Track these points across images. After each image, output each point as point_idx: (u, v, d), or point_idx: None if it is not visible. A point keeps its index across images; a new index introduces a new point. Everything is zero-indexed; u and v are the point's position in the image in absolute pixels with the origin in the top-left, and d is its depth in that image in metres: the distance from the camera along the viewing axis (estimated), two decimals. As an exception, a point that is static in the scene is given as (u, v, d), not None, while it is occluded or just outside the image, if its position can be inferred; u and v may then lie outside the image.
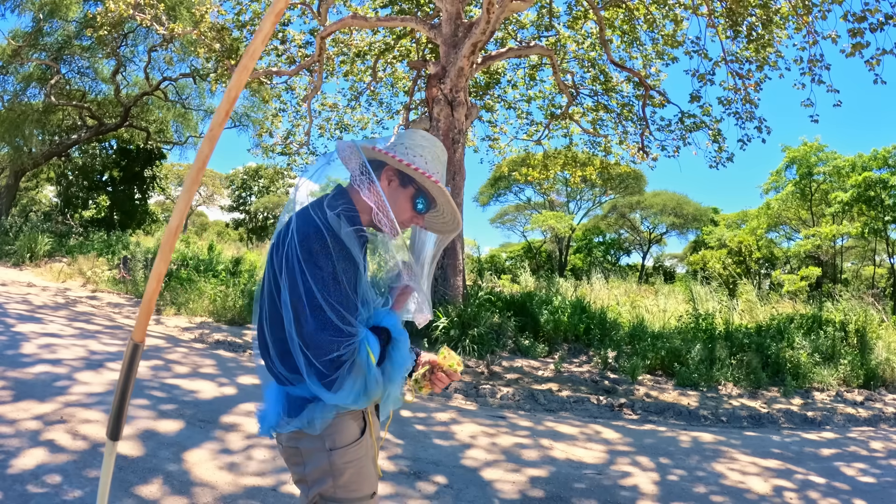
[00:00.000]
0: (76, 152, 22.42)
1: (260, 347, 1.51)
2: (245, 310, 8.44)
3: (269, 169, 36.23)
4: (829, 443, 5.05)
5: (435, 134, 8.93)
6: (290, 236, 1.39)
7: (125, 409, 1.39)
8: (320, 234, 1.37)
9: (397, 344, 1.49)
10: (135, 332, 1.32)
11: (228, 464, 3.22)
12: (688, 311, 9.65)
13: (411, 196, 1.53)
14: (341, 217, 1.41)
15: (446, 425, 4.52)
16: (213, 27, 10.47)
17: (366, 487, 1.53)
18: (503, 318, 8.01)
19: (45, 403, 3.73)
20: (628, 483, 3.61)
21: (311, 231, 1.38)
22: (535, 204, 33.44)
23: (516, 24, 11.72)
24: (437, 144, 1.58)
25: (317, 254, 1.36)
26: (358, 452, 1.51)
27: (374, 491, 1.56)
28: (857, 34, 7.25)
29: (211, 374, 5.21)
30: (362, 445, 1.52)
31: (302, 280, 1.36)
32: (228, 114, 1.23)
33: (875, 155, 19.78)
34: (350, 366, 1.38)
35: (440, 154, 1.58)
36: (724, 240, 25.36)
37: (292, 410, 1.46)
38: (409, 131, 1.59)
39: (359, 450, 1.51)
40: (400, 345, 1.49)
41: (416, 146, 1.53)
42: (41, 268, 12.49)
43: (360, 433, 1.52)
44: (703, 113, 10.88)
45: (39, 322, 6.47)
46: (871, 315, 8.80)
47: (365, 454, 1.53)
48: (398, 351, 1.49)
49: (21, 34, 17.69)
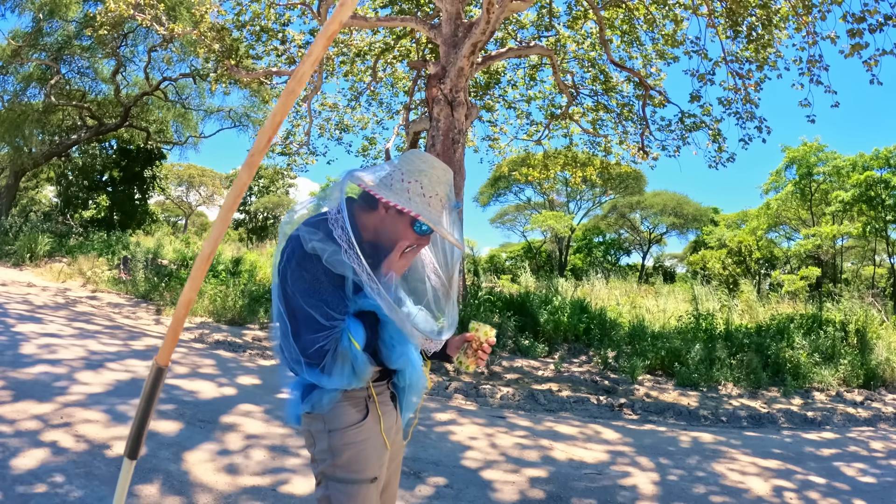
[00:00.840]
0: (76, 152, 22.43)
1: (275, 341, 1.67)
2: (245, 310, 8.44)
3: (269, 169, 36.23)
4: (828, 443, 5.05)
5: (435, 134, 8.93)
6: (286, 246, 1.58)
7: (145, 430, 1.39)
8: (301, 244, 1.53)
9: (385, 325, 1.58)
10: (160, 355, 1.32)
11: (228, 464, 3.22)
12: (688, 310, 9.66)
13: (409, 221, 1.59)
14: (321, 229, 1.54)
15: (446, 425, 4.52)
16: (213, 27, 10.47)
17: (366, 471, 1.61)
18: (503, 318, 8.01)
19: (44, 404, 3.73)
20: (628, 483, 3.61)
21: (297, 243, 1.54)
22: (535, 204, 33.46)
23: (516, 24, 11.72)
24: (437, 165, 1.63)
25: (301, 261, 1.52)
26: (357, 436, 1.61)
27: (375, 476, 1.63)
28: (856, 35, 7.25)
29: (211, 375, 5.21)
30: (362, 430, 1.62)
31: (292, 284, 1.53)
32: (270, 140, 1.17)
33: (876, 154, 19.78)
34: (333, 354, 1.52)
35: (441, 175, 1.62)
36: (724, 240, 25.37)
37: (304, 395, 1.61)
38: (410, 154, 1.64)
39: (358, 433, 1.61)
40: (388, 325, 1.58)
41: (413, 171, 1.59)
42: (41, 268, 12.49)
43: (360, 418, 1.62)
44: (703, 113, 10.89)
45: (39, 322, 6.48)
46: (872, 315, 8.80)
47: (366, 439, 1.62)
48: (387, 331, 1.59)
49: (21, 34, 17.69)
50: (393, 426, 1.74)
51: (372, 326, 1.57)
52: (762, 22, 8.88)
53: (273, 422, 3.92)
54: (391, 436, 1.72)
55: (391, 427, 1.73)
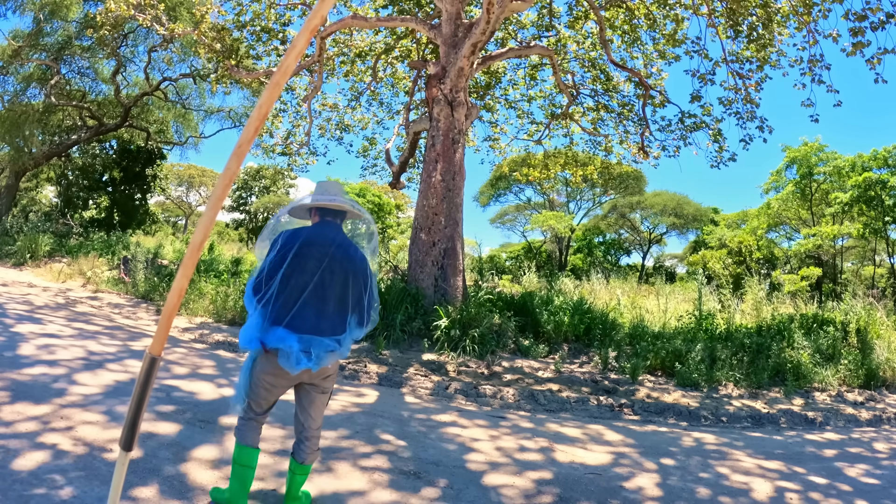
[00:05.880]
0: (76, 152, 22.42)
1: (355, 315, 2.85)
2: (245, 310, 8.42)
3: (270, 169, 36.25)
4: (830, 443, 5.03)
5: (435, 134, 8.91)
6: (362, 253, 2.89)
7: (139, 421, 1.38)
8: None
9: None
10: (152, 345, 1.31)
11: (228, 465, 3.21)
12: (688, 311, 9.64)
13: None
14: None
15: (447, 426, 4.50)
16: (214, 27, 10.47)
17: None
18: (503, 319, 7.99)
19: (43, 405, 3.72)
20: (631, 486, 3.59)
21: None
22: (535, 204, 33.45)
23: (516, 24, 11.71)
24: (323, 186, 2.88)
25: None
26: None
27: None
28: (857, 33, 7.24)
29: (210, 375, 5.20)
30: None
31: (373, 276, 2.92)
32: (258, 130, 1.20)
33: (875, 155, 19.77)
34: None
35: (323, 188, 2.87)
36: (724, 240, 25.36)
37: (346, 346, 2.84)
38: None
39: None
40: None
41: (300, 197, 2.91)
42: (41, 268, 12.48)
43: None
44: (703, 113, 10.88)
45: (38, 322, 6.46)
46: (874, 315, 8.78)
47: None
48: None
49: (21, 34, 17.69)
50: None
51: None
52: (762, 21, 8.87)
53: (273, 424, 3.91)
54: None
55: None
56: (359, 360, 6.55)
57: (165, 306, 1.26)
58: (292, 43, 1.12)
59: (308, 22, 1.11)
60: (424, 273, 8.53)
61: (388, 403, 5.04)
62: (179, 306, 9.61)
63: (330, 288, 2.66)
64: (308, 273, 2.62)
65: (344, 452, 3.62)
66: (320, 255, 2.65)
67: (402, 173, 12.01)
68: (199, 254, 1.26)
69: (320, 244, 2.67)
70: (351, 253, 2.74)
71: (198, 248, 1.23)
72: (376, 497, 3.05)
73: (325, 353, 2.61)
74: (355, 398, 5.09)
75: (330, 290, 2.66)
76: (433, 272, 8.54)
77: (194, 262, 1.25)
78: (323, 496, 3.00)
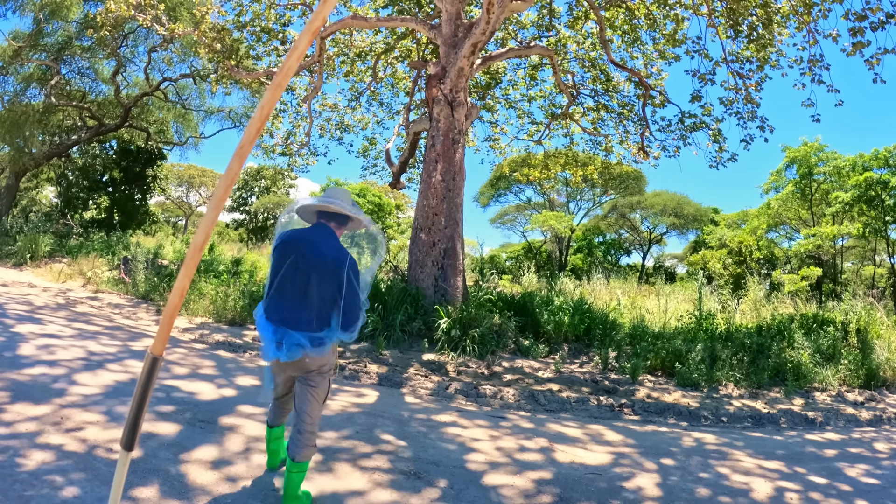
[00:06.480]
0: (76, 153, 22.42)
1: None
2: (245, 310, 8.43)
3: (270, 169, 36.21)
4: (830, 443, 5.03)
5: (435, 134, 8.92)
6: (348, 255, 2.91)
7: (141, 421, 1.39)
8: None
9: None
10: (154, 345, 1.31)
11: (228, 465, 3.21)
12: (688, 311, 9.64)
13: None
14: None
15: (447, 426, 4.50)
16: (214, 28, 10.47)
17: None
18: (504, 319, 7.99)
19: (43, 405, 3.72)
20: (631, 486, 3.59)
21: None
22: (535, 204, 33.45)
23: (516, 24, 11.71)
24: (328, 191, 2.93)
25: (354, 265, 2.93)
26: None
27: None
28: (857, 33, 7.24)
29: (210, 376, 5.20)
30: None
31: (356, 277, 2.90)
32: (259, 131, 1.21)
33: (876, 155, 19.77)
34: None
35: (327, 193, 2.92)
36: (724, 240, 25.35)
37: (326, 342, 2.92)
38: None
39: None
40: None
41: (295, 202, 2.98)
42: (42, 268, 12.48)
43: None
44: (703, 113, 10.87)
45: (38, 323, 6.46)
46: (874, 315, 8.78)
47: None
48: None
49: (22, 35, 17.69)
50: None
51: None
52: (762, 21, 8.87)
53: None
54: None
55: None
56: (359, 360, 6.55)
57: (167, 306, 1.26)
58: (294, 45, 1.12)
59: (309, 24, 1.11)
60: (424, 273, 8.53)
61: (388, 403, 5.04)
62: (181, 306, 9.78)
63: (296, 283, 2.75)
64: (283, 268, 2.79)
65: (344, 452, 3.62)
66: (288, 251, 2.79)
67: (403, 173, 12.02)
68: (201, 254, 1.26)
69: (293, 242, 2.81)
70: (323, 251, 2.78)
71: (199, 248, 1.24)
72: (376, 497, 3.05)
73: (294, 346, 2.70)
74: (355, 398, 5.09)
75: (298, 286, 2.75)
76: (433, 272, 8.54)
77: (196, 262, 1.25)
78: (323, 496, 3.00)
